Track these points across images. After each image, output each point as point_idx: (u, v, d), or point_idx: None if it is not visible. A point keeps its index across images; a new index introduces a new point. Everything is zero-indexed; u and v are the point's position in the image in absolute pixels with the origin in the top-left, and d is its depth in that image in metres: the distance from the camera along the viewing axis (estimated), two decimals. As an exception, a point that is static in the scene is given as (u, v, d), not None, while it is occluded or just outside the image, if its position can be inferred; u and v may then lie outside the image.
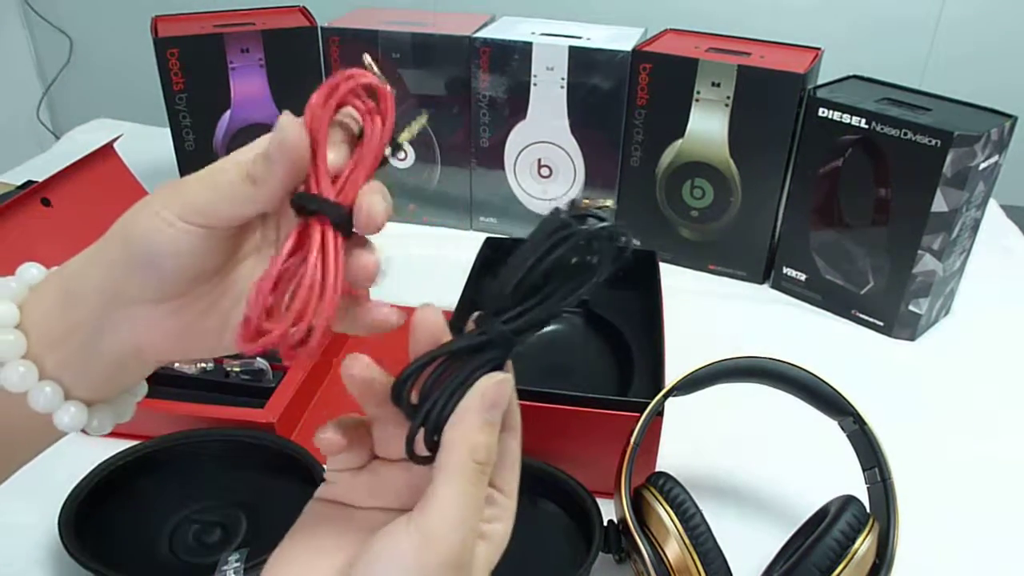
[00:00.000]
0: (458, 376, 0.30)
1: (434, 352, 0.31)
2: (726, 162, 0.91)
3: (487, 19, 1.01)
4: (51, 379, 0.33)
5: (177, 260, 0.31)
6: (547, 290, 0.30)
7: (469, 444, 0.30)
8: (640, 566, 0.52)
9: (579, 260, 0.30)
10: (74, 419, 0.34)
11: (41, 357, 0.33)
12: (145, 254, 0.31)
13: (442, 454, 0.30)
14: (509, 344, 0.30)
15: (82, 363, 0.33)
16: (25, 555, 0.58)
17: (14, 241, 0.75)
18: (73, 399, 0.34)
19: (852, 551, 0.50)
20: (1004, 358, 0.85)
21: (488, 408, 0.30)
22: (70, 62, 2.34)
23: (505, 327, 0.30)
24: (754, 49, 0.92)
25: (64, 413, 0.33)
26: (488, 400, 0.30)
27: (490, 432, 0.30)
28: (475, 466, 0.29)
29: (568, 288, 0.30)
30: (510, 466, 0.33)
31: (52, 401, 0.33)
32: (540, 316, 0.30)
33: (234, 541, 0.59)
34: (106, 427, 0.36)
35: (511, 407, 0.33)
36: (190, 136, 0.97)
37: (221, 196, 0.31)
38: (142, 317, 0.32)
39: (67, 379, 0.33)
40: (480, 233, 1.01)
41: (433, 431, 0.30)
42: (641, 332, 0.75)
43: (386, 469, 0.34)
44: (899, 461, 0.56)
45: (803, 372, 0.58)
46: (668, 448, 0.62)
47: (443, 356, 0.31)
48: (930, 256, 0.82)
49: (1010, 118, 0.80)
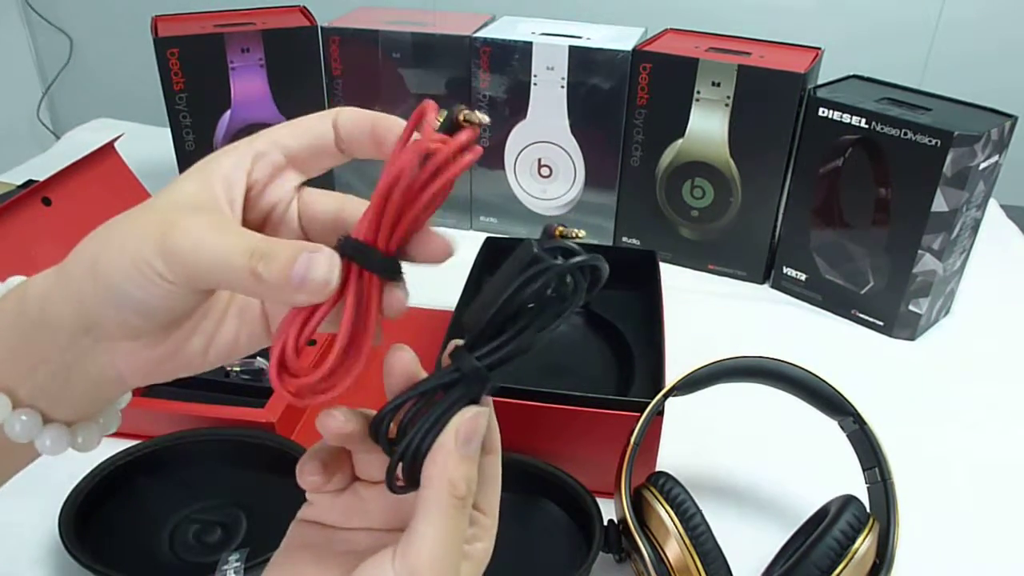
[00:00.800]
0: (434, 412, 0.30)
1: (409, 393, 0.31)
2: (726, 162, 0.91)
3: (487, 19, 1.01)
4: (27, 407, 0.31)
5: (166, 310, 0.30)
6: (521, 324, 0.30)
7: (448, 480, 0.30)
8: (640, 566, 0.52)
9: (554, 292, 0.29)
10: (56, 443, 0.32)
11: (11, 387, 0.31)
12: (128, 303, 0.29)
13: (423, 491, 0.30)
14: (483, 379, 0.30)
15: (58, 389, 0.32)
16: (25, 555, 0.58)
17: (14, 241, 0.75)
18: (53, 422, 0.32)
19: (852, 551, 0.50)
20: (1004, 358, 0.85)
21: (464, 444, 0.30)
22: (70, 62, 2.34)
23: (478, 363, 0.30)
24: (754, 49, 0.92)
25: (45, 438, 0.32)
26: (463, 436, 0.30)
27: (468, 466, 0.30)
28: (455, 501, 0.30)
29: (542, 321, 0.30)
30: (491, 486, 0.33)
31: (30, 429, 0.31)
32: (513, 351, 0.30)
33: (234, 541, 0.59)
34: (93, 443, 0.34)
35: (490, 430, 0.33)
36: (190, 136, 0.97)
37: (223, 279, 0.28)
38: (121, 350, 0.31)
39: (43, 404, 0.32)
40: (480, 233, 1.01)
41: (410, 467, 0.30)
42: (641, 332, 0.75)
43: (367, 491, 0.34)
44: (899, 461, 0.56)
45: (803, 372, 0.58)
46: (668, 448, 0.61)
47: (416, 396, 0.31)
48: (930, 256, 0.82)
49: (1010, 118, 0.80)
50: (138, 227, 0.29)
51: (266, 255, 0.28)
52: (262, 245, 0.28)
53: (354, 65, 0.98)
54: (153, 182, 0.93)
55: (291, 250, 0.28)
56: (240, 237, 0.28)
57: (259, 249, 0.28)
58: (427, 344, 0.70)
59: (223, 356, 0.33)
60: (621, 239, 1.02)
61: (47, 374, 0.31)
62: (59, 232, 0.78)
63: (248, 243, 0.28)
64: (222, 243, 0.28)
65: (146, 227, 0.28)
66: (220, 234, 0.28)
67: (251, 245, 0.28)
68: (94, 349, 0.31)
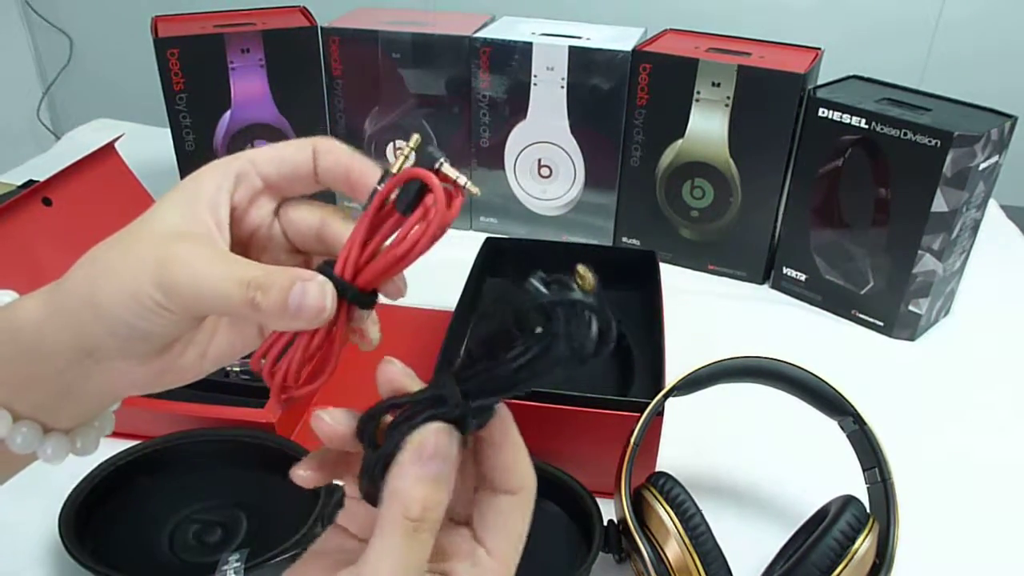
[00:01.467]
0: (408, 424, 0.29)
1: (389, 401, 0.30)
2: (726, 162, 0.91)
3: (487, 19, 1.01)
4: (27, 419, 0.32)
5: (165, 336, 0.31)
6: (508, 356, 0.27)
7: (402, 499, 0.28)
8: (640, 566, 0.52)
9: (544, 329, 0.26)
10: (57, 451, 0.33)
11: (9, 402, 0.32)
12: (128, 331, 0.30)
13: (380, 506, 0.28)
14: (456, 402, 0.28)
15: (56, 404, 0.33)
16: (25, 555, 0.58)
17: (15, 241, 0.75)
18: (53, 431, 0.33)
19: (852, 551, 0.50)
20: (1004, 358, 0.85)
21: (419, 462, 0.28)
22: (70, 62, 2.34)
23: (457, 386, 0.28)
24: (754, 49, 0.92)
25: (47, 447, 0.33)
26: (423, 452, 0.28)
27: (427, 488, 0.28)
28: (407, 523, 0.27)
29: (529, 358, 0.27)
30: (502, 527, 0.31)
31: (31, 441, 0.32)
32: (490, 381, 0.28)
33: (234, 541, 0.59)
34: (91, 448, 0.35)
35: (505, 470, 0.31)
36: (190, 136, 0.97)
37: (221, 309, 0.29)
38: (119, 368, 0.31)
39: (42, 417, 0.33)
40: (480, 233, 1.01)
41: (371, 478, 0.29)
42: (641, 332, 0.75)
43: None
44: (899, 461, 0.56)
45: (803, 372, 0.58)
46: (668, 448, 0.62)
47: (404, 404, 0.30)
48: (930, 256, 0.82)
49: (1010, 118, 0.80)
50: (133, 259, 0.30)
51: (262, 285, 0.29)
52: (258, 275, 0.29)
53: (354, 65, 0.99)
54: (153, 182, 0.93)
55: (286, 279, 0.29)
56: (236, 267, 0.29)
57: (255, 280, 0.29)
58: (427, 344, 0.71)
59: (219, 363, 0.34)
60: (621, 239, 1.02)
61: (45, 393, 0.32)
62: (59, 232, 0.78)
63: (244, 273, 0.29)
64: (218, 274, 0.29)
65: (142, 258, 0.29)
66: (216, 265, 0.29)
67: (247, 276, 0.29)
68: (93, 370, 0.31)
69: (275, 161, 0.33)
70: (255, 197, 0.33)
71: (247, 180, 0.33)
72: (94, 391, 0.32)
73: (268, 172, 0.33)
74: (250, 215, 0.34)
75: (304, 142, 0.33)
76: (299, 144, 0.33)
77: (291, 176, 0.33)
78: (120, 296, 0.29)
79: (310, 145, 0.33)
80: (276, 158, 0.33)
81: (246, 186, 0.33)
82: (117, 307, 0.29)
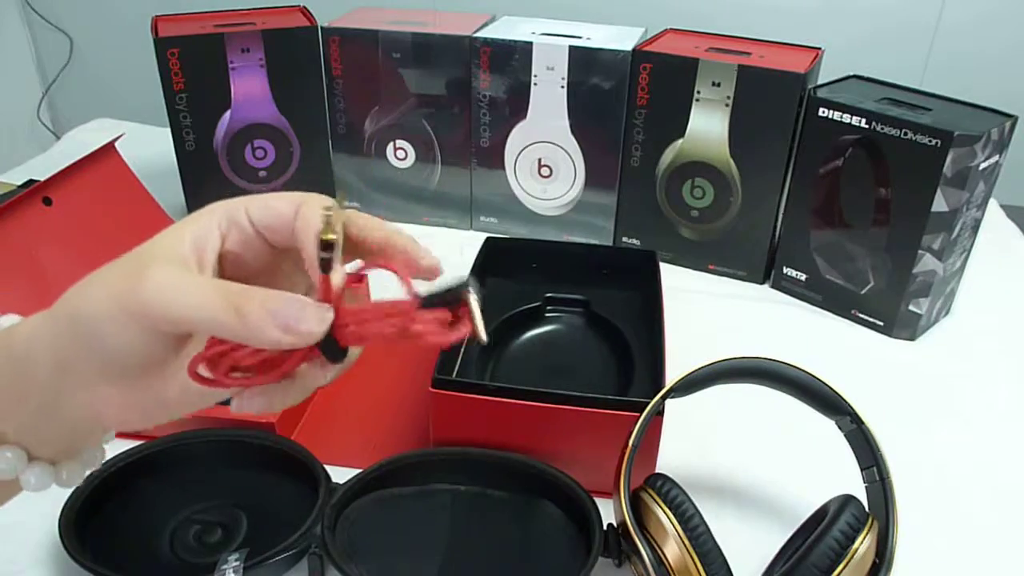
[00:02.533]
0: None
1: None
2: (726, 162, 0.91)
3: (487, 19, 1.01)
4: (13, 444, 0.33)
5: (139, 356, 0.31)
6: None
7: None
8: (640, 568, 0.52)
9: None
10: (40, 480, 0.34)
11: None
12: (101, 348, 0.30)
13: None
14: None
15: (42, 427, 0.33)
16: (25, 555, 0.58)
17: (15, 241, 0.75)
18: (37, 460, 0.34)
19: (852, 551, 0.50)
20: (1004, 358, 0.85)
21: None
22: (70, 62, 2.34)
23: None
24: (754, 49, 0.92)
25: (30, 475, 0.34)
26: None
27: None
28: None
29: None
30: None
31: (15, 466, 0.33)
32: None
33: (234, 541, 0.59)
34: (76, 480, 0.36)
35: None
36: (190, 136, 0.97)
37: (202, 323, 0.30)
38: (99, 393, 0.32)
39: (28, 441, 0.33)
40: (480, 233, 1.01)
41: None
42: (641, 332, 0.75)
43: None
44: (899, 461, 0.56)
45: (800, 372, 0.58)
46: (668, 448, 0.62)
47: None
48: (930, 256, 0.82)
49: (1010, 118, 0.80)
50: (116, 271, 0.31)
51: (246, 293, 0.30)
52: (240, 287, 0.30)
53: (354, 65, 0.99)
54: (153, 182, 0.93)
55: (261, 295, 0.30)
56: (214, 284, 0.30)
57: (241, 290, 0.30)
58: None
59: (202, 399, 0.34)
60: (621, 239, 1.02)
61: (31, 411, 0.32)
62: (60, 232, 0.78)
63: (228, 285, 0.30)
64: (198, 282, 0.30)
65: (126, 272, 0.30)
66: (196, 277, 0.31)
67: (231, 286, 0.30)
68: (70, 389, 0.32)
69: (263, 208, 0.33)
70: (249, 240, 0.34)
71: (238, 223, 0.33)
72: (77, 415, 0.32)
73: (256, 218, 0.33)
74: (245, 259, 0.34)
75: (296, 197, 0.33)
76: (290, 197, 0.33)
77: (272, 227, 0.33)
78: (96, 304, 0.30)
79: (298, 201, 0.33)
80: (264, 205, 0.33)
81: (237, 228, 0.33)
82: (92, 320, 0.30)
